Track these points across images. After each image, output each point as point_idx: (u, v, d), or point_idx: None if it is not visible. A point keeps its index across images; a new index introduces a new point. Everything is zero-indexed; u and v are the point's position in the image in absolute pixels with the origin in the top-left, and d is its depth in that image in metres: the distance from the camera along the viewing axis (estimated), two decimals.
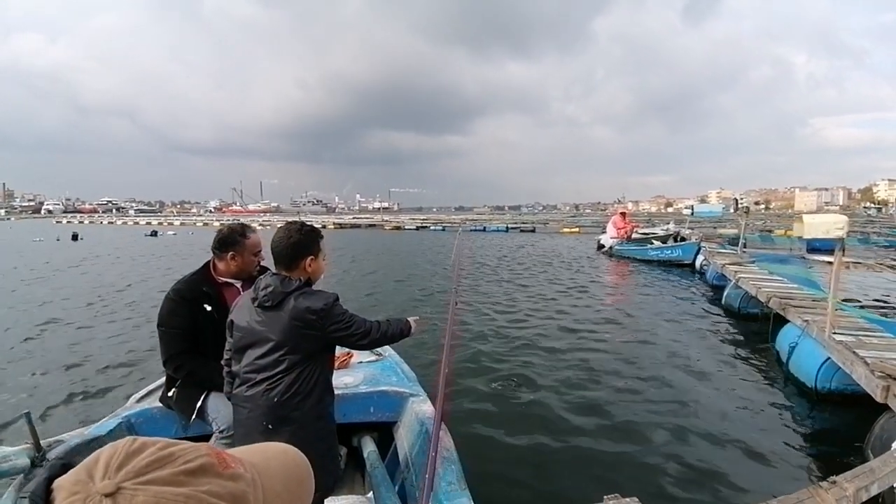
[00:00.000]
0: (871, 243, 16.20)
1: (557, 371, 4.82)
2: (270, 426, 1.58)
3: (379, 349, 3.30)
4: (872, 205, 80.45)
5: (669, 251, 13.84)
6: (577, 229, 32.26)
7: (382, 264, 14.91)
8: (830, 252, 7.32)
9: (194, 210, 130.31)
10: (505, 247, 20.36)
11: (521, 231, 33.84)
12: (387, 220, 46.55)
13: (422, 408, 2.47)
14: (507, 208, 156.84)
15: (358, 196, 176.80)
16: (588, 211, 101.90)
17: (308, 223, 1.77)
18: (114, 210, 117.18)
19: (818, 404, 4.01)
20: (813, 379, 4.07)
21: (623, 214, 17.81)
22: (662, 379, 4.67)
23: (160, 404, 2.28)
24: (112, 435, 2.09)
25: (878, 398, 3.06)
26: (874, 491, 2.10)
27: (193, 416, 2.10)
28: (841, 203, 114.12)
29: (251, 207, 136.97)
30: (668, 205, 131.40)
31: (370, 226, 43.55)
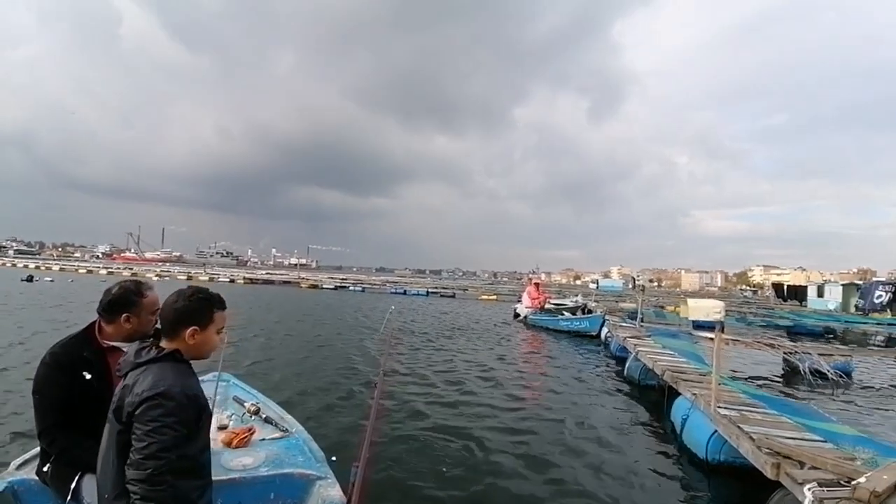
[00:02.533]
0: (748, 323, 18.44)
1: (467, 441, 4.73)
2: None
3: (286, 424, 3.03)
4: (748, 287, 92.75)
5: (578, 322, 14.74)
6: (494, 297, 33.37)
7: (300, 326, 14.07)
8: (713, 329, 8.26)
9: (77, 254, 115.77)
10: (427, 313, 20.34)
11: (442, 296, 34.23)
12: (304, 278, 44.76)
13: (329, 493, 2.26)
14: (428, 272, 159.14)
15: (274, 251, 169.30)
16: (505, 279, 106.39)
17: (205, 290, 1.61)
18: None
19: (711, 475, 4.28)
20: (704, 450, 4.37)
21: (537, 285, 18.86)
22: (568, 447, 4.80)
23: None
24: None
25: (769, 475, 3.24)
26: None
27: (68, 498, 1.83)
28: (719, 284, 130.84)
29: (148, 255, 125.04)
30: (577, 277, 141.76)
31: (285, 282, 41.47)
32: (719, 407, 4.43)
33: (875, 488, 2.59)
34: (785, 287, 40.34)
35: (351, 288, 37.49)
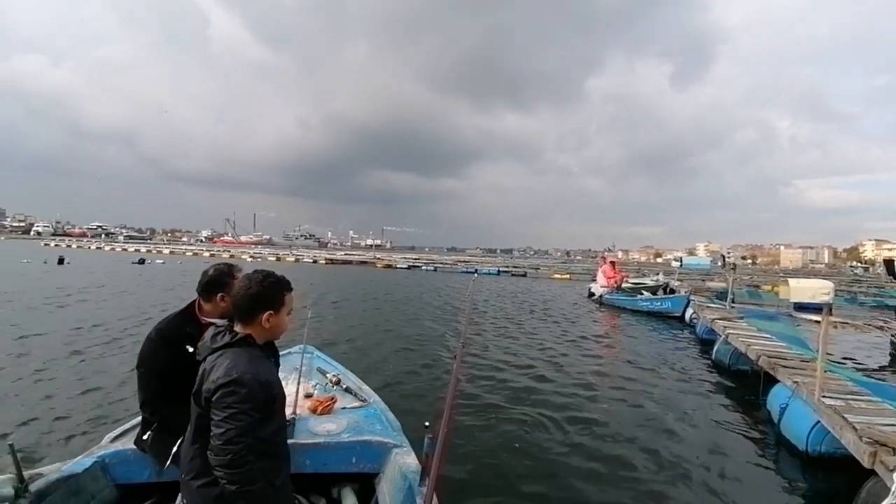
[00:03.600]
0: (858, 303, 16.39)
1: (549, 422, 4.70)
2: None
3: (365, 395, 3.21)
4: (859, 264, 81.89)
5: (659, 303, 13.91)
6: (567, 276, 32.45)
7: (377, 303, 14.74)
8: (817, 310, 7.42)
9: (185, 239, 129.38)
10: (499, 292, 20.31)
11: (513, 275, 33.92)
12: (378, 258, 46.54)
13: (406, 460, 2.37)
14: (499, 251, 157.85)
15: (351, 232, 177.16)
16: (579, 258, 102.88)
17: (274, 274, 1.64)
18: (103, 235, 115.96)
19: (809, 467, 3.94)
20: (804, 442, 4.01)
21: (613, 264, 18.02)
22: (649, 435, 4.58)
23: (134, 446, 2.18)
24: (87, 473, 2.11)
25: (866, 464, 3.06)
26: None
27: (168, 463, 2.00)
28: (826, 261, 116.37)
29: (243, 239, 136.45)
30: (657, 255, 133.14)
31: (362, 262, 43.44)
32: (823, 396, 4.00)
33: None
34: (895, 263, 34.96)
35: (423, 268, 38.34)
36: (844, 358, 8.32)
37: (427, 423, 2.11)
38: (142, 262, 31.06)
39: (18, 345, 6.94)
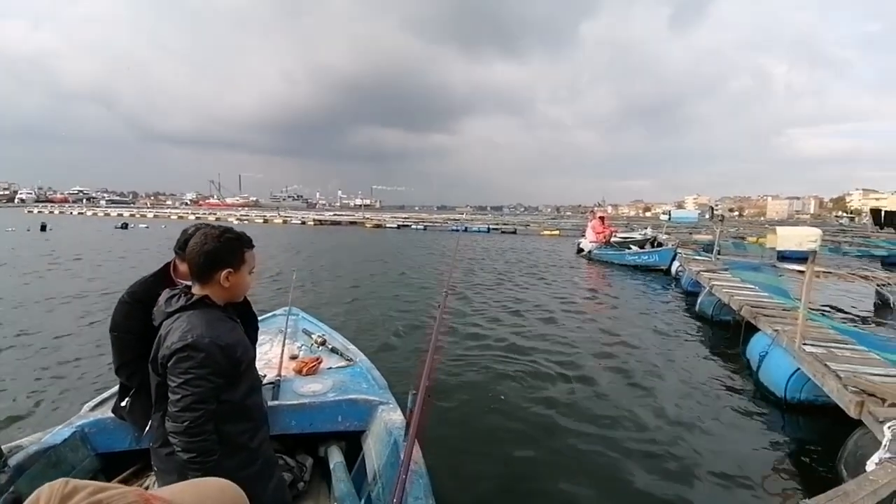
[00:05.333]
0: (842, 253, 16.70)
1: (537, 377, 4.79)
2: None
3: (350, 354, 3.21)
4: (845, 214, 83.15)
5: (646, 257, 14.05)
6: (557, 232, 32.57)
7: (366, 263, 14.72)
8: (801, 261, 7.52)
9: (169, 202, 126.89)
10: (488, 249, 20.37)
11: (503, 232, 33.96)
12: (368, 218, 46.17)
13: (391, 417, 2.39)
14: (489, 209, 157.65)
15: (340, 192, 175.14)
16: (569, 213, 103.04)
17: (232, 230, 1.54)
18: (84, 200, 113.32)
19: (788, 414, 4.06)
20: (783, 389, 4.11)
21: (602, 219, 18.02)
22: (633, 384, 4.71)
23: (113, 415, 2.15)
24: (66, 444, 2.10)
25: (852, 413, 3.06)
26: None
27: (147, 429, 1.97)
28: (812, 212, 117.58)
29: (229, 201, 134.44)
30: (647, 209, 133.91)
31: (351, 223, 43.10)
32: (805, 344, 4.09)
33: None
34: (883, 213, 35.64)
35: (413, 227, 38.18)
36: (828, 306, 8.54)
37: (411, 378, 2.11)
38: (125, 226, 30.91)
39: None
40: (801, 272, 4.58)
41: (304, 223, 43.01)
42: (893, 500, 2.22)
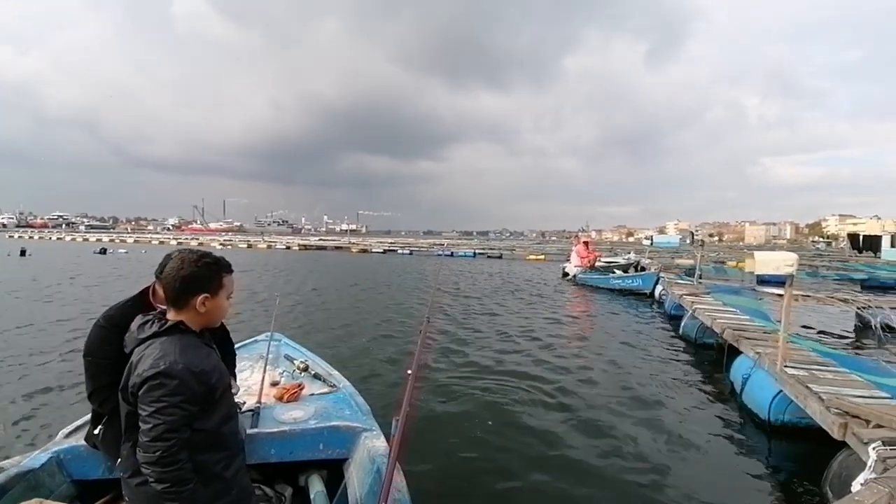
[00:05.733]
0: (820, 277, 17.12)
1: (523, 403, 4.74)
2: None
3: (334, 380, 3.14)
4: (822, 239, 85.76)
5: (630, 280, 14.23)
6: (542, 256, 32.84)
7: (350, 288, 14.58)
8: (780, 285, 7.68)
9: (150, 227, 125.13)
10: (475, 274, 20.40)
11: (489, 257, 34.13)
12: (354, 243, 46.08)
13: (375, 444, 2.33)
14: (475, 234, 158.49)
15: (326, 217, 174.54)
16: (554, 238, 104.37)
17: (210, 254, 1.52)
18: (64, 225, 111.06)
19: (772, 436, 4.07)
20: (766, 411, 4.13)
21: (586, 244, 18.30)
22: (617, 408, 4.69)
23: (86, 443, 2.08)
24: (44, 469, 2.05)
25: (836, 435, 3.07)
26: None
27: (120, 459, 1.89)
28: (788, 237, 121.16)
29: (212, 226, 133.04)
30: (629, 234, 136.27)
31: (337, 248, 42.90)
32: (787, 366, 4.14)
33: None
34: (861, 237, 36.91)
35: (399, 251, 38.16)
36: (809, 329, 8.70)
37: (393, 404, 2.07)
38: (103, 251, 30.30)
39: None
40: (781, 296, 4.67)
41: (288, 248, 42.70)
42: None
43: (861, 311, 8.52)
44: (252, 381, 3.00)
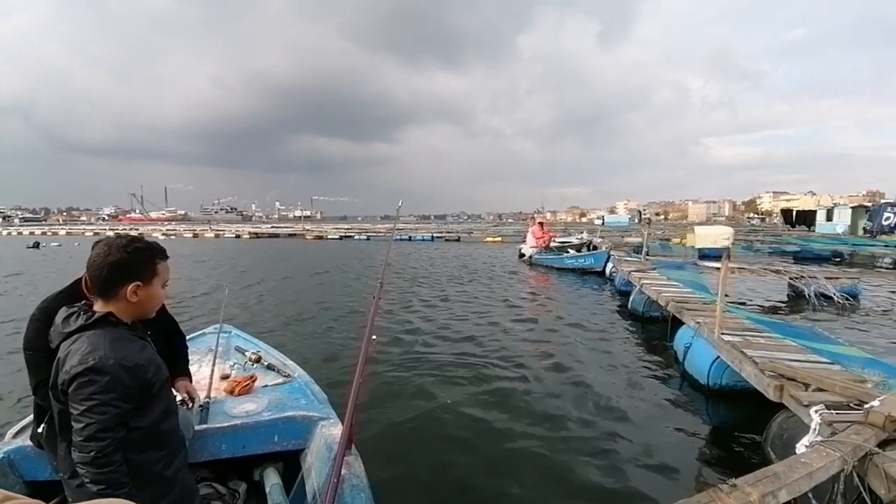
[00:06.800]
0: (755, 250, 18.35)
1: (479, 380, 4.83)
2: None
3: (288, 370, 3.06)
4: (756, 215, 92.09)
5: (583, 260, 14.70)
6: (499, 238, 33.29)
7: (304, 276, 14.22)
8: (719, 258, 8.19)
9: (84, 218, 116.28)
10: (433, 257, 20.41)
11: (447, 240, 34.20)
12: (308, 229, 44.80)
13: (332, 432, 2.29)
14: (433, 217, 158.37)
15: (278, 204, 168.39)
16: (510, 220, 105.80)
17: (142, 239, 1.44)
18: (1, 219, 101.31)
19: (712, 400, 4.37)
20: (705, 376, 4.43)
21: (541, 224, 18.68)
22: (569, 379, 4.89)
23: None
24: None
25: (772, 397, 3.21)
26: (783, 498, 1.99)
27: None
28: (727, 214, 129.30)
29: (153, 215, 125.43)
30: (583, 215, 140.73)
31: (291, 235, 41.57)
32: (723, 333, 4.43)
33: (891, 413, 2.44)
34: (794, 213, 39.92)
35: (356, 237, 37.54)
36: (747, 299, 9.34)
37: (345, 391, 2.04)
38: (36, 245, 28.40)
39: None
40: (719, 268, 4.96)
41: (238, 237, 40.91)
42: (835, 485, 2.25)
43: (793, 282, 9.23)
44: (201, 376, 2.88)
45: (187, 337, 2.61)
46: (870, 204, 31.79)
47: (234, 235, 41.76)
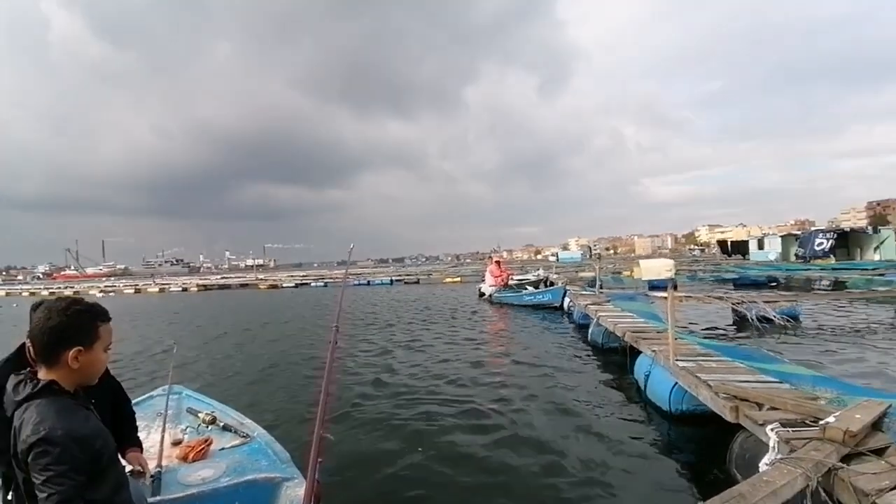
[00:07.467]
0: (699, 279, 19.45)
1: (449, 422, 4.72)
2: None
3: (246, 430, 2.88)
4: (696, 247, 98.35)
5: (541, 296, 15.03)
6: (458, 279, 33.54)
7: (257, 330, 13.60)
8: (666, 289, 8.63)
9: (20, 276, 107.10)
10: (392, 301, 20.18)
11: (406, 283, 34.05)
12: (262, 279, 43.30)
13: (297, 493, 2.16)
14: (391, 261, 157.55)
15: (228, 253, 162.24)
16: (468, 260, 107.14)
17: (82, 301, 1.38)
18: None
19: (675, 425, 4.47)
20: (667, 402, 4.56)
21: (498, 263, 19.05)
22: (535, 412, 4.92)
23: None
24: None
25: (729, 418, 3.32)
26: None
27: None
28: (670, 247, 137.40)
29: (90, 271, 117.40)
30: (538, 252, 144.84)
31: (243, 285, 39.95)
32: (677, 360, 4.61)
33: (849, 428, 2.51)
34: (729, 243, 42.92)
35: (312, 284, 36.63)
36: (695, 325, 9.79)
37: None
38: None
39: None
40: (666, 297, 5.23)
41: (185, 290, 38.84)
42: (803, 502, 2.25)
43: (736, 307, 9.81)
44: (150, 443, 2.65)
45: (133, 401, 2.43)
46: (799, 232, 34.52)
47: (180, 289, 39.63)
